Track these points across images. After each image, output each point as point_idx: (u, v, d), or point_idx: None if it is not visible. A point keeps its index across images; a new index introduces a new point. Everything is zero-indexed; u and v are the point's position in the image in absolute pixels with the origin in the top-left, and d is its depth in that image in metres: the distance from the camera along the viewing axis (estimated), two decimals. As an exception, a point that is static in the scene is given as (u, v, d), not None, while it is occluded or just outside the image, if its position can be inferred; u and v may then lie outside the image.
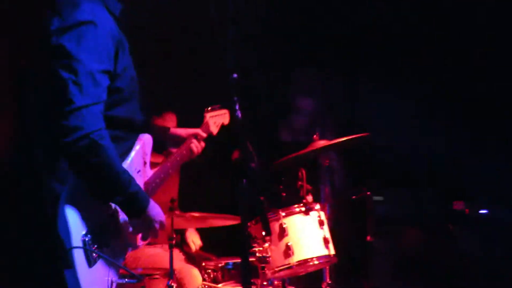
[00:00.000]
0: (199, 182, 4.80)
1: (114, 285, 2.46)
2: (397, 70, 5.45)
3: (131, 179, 2.39)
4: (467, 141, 5.25)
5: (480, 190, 5.16)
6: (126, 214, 2.47)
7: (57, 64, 2.28)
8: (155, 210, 2.52)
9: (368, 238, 4.72)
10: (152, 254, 4.02)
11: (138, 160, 2.62)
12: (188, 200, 4.46)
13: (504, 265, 4.88)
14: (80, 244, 2.28)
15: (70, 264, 2.25)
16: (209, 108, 3.36)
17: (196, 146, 3.11)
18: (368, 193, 4.78)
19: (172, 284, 3.58)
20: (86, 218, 2.32)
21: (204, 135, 3.18)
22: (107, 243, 2.42)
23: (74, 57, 2.27)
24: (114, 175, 2.32)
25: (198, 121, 3.33)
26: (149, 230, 2.54)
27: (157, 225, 2.54)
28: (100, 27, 2.35)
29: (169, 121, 4.34)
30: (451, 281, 4.97)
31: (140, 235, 2.59)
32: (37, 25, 2.47)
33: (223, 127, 3.41)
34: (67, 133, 2.23)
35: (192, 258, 4.27)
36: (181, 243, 4.37)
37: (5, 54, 3.98)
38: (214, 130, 3.35)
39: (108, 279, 2.42)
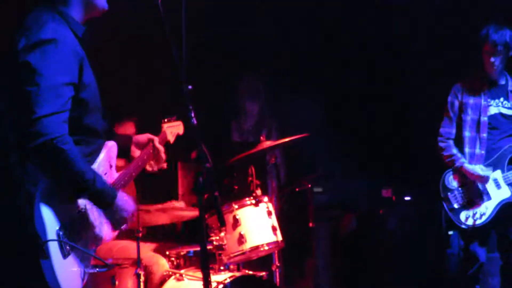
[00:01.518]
0: (156, 181, 4.77)
1: (86, 275, 2.46)
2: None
3: (95, 176, 2.39)
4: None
5: (405, 180, 5.28)
6: (97, 206, 2.47)
7: (23, 78, 2.27)
8: (123, 201, 2.53)
9: (310, 224, 4.74)
10: (123, 246, 3.98)
11: (105, 163, 2.62)
12: (146, 197, 4.38)
13: (421, 240, 5.06)
14: (55, 237, 2.28)
15: (46, 255, 2.25)
16: (166, 120, 3.33)
17: (153, 154, 2.99)
18: (309, 185, 4.81)
19: (140, 272, 3.58)
20: (59, 214, 2.31)
21: (161, 147, 3.03)
22: (79, 236, 2.42)
23: (38, 72, 2.26)
24: (78, 174, 2.32)
25: (155, 128, 3.27)
26: (119, 219, 2.54)
27: (125, 214, 2.54)
28: (61, 44, 2.33)
29: (129, 128, 4.28)
30: (381, 255, 5.10)
31: (109, 229, 2.56)
32: (9, 43, 2.37)
33: (178, 137, 3.37)
34: (30, 139, 2.23)
35: (158, 249, 4.19)
36: (147, 236, 4.31)
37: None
38: (171, 139, 3.32)
39: (80, 270, 2.41)
